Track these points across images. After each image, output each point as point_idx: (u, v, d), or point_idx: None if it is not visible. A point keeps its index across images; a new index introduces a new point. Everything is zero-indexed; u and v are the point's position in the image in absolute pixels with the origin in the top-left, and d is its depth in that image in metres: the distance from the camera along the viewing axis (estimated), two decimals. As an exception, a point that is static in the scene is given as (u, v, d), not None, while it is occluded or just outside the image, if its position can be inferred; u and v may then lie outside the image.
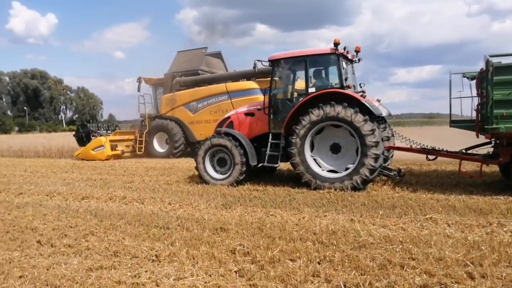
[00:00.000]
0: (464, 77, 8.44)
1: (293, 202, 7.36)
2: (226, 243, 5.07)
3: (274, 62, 9.46)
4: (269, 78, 9.88)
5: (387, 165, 9.56)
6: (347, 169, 8.40)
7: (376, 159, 7.99)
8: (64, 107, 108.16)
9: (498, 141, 8.06)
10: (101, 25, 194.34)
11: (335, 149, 8.76)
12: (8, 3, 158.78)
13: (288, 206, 7.13)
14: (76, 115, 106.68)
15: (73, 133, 20.58)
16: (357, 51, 9.83)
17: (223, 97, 16.50)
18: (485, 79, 7.58)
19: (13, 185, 10.77)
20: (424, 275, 3.94)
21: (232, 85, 16.66)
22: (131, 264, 4.50)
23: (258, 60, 9.61)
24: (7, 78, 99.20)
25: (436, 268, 4.08)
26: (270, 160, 9.28)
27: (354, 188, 8.11)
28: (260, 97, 12.89)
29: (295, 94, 9.56)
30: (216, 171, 9.76)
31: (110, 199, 8.36)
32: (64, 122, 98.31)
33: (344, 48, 8.89)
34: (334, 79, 9.16)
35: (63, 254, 4.90)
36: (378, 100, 9.87)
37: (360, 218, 6.12)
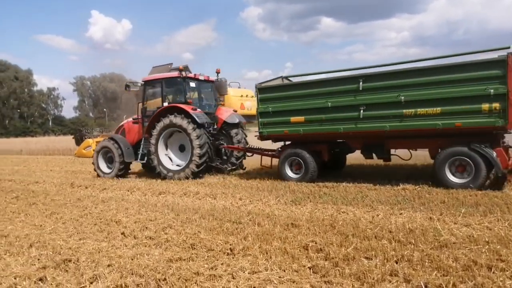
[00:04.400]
0: None
1: (365, 199, 7.16)
2: (298, 239, 5.06)
3: (145, 83, 12.43)
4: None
5: (239, 162, 12.49)
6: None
7: (200, 156, 10.79)
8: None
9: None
10: (171, 29, 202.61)
11: (182, 148, 11.69)
12: (88, 13, 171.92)
13: (360, 203, 6.95)
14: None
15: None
16: (217, 73, 12.76)
17: None
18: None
19: (98, 181, 11.68)
20: (516, 278, 3.63)
21: None
22: (207, 256, 4.66)
23: (130, 82, 13.14)
24: (88, 83, 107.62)
25: (530, 271, 3.74)
26: (141, 158, 12.27)
27: (187, 178, 10.93)
28: None
29: (155, 108, 12.10)
30: (108, 167, 12.68)
31: (185, 194, 8.74)
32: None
33: (184, 72, 11.46)
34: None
35: (145, 246, 5.21)
36: (235, 111, 12.61)
37: (440, 216, 5.79)
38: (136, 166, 13.93)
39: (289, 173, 9.98)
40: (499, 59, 7.25)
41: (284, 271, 4.12)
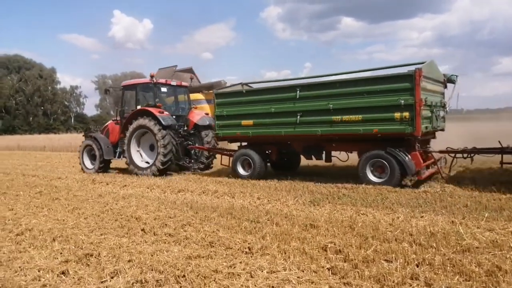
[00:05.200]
0: None
1: (385, 202, 7.07)
2: (317, 240, 5.03)
3: (123, 87, 13.65)
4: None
5: (209, 161, 13.55)
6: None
7: (165, 155, 11.72)
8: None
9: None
10: (191, 28, 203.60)
11: (152, 148, 12.60)
12: (110, 13, 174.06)
13: (380, 205, 6.87)
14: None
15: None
16: (191, 79, 14.87)
17: None
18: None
19: (118, 177, 11.87)
20: (542, 286, 3.53)
21: None
22: (226, 254, 4.69)
23: (110, 87, 15.50)
24: (109, 81, 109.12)
25: (557, 279, 3.63)
26: (119, 156, 13.54)
27: (154, 175, 11.83)
28: (206, 106, 16.63)
29: (131, 110, 13.21)
30: (91, 163, 13.99)
31: (203, 193, 8.80)
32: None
33: (153, 78, 12.59)
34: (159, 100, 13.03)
35: (165, 242, 5.27)
36: (207, 114, 13.94)
37: (462, 220, 5.67)
38: (122, 163, 14.37)
39: (240, 170, 11.12)
40: (408, 74, 8.14)
41: (303, 271, 4.10)
